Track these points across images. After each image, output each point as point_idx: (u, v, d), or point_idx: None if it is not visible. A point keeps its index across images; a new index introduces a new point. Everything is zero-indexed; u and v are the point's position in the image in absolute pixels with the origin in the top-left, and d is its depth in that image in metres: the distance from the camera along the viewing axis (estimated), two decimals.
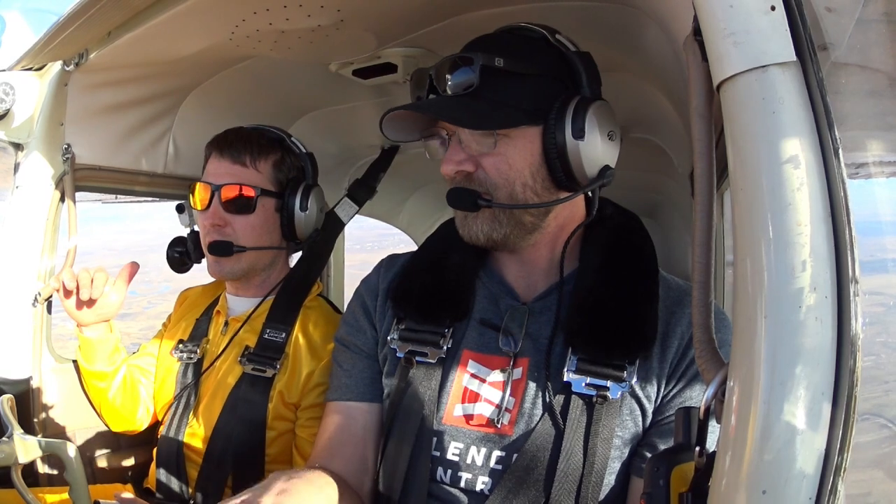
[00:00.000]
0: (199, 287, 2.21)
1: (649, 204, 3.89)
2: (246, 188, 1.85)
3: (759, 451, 0.67)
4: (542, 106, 1.24)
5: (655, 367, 1.22)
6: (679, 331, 1.24)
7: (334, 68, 1.89)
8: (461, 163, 1.25)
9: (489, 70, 1.20)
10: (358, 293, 1.53)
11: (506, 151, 1.24)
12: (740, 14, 0.73)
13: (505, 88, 1.23)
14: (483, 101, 1.21)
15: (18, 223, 1.85)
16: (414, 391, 1.31)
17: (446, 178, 1.28)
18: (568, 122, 1.22)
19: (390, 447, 1.32)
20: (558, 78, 1.27)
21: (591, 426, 1.19)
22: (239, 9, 1.48)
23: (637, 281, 1.29)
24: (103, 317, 1.82)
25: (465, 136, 1.25)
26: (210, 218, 1.84)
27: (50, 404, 1.86)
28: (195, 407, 1.88)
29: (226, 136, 1.91)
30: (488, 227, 1.27)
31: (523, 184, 1.25)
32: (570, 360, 1.23)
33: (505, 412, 1.25)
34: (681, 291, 1.31)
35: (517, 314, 1.32)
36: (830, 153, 0.70)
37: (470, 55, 1.22)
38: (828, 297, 0.67)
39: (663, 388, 1.22)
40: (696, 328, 0.80)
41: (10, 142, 1.84)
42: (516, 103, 1.22)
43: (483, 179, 1.25)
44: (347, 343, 1.48)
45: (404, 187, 3.55)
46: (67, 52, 1.74)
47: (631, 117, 2.19)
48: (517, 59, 1.24)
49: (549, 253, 1.35)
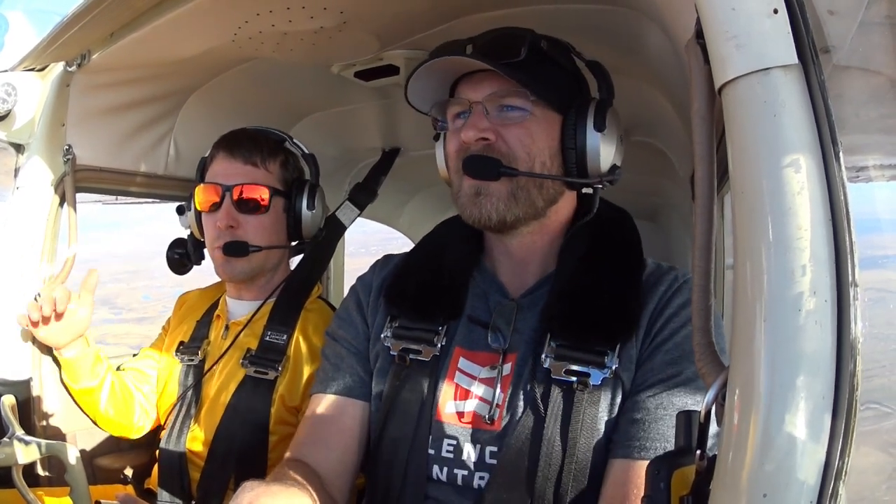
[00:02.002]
0: (197, 290, 2.21)
1: (650, 207, 3.89)
2: (261, 188, 1.85)
3: (759, 455, 0.67)
4: (565, 96, 1.28)
5: (634, 346, 1.22)
6: (651, 306, 1.24)
7: (336, 70, 1.90)
8: (484, 130, 1.24)
9: (534, 48, 1.24)
10: (353, 289, 1.53)
11: (531, 126, 1.25)
12: (742, 17, 0.73)
13: (544, 69, 1.26)
14: (525, 72, 1.22)
15: (19, 224, 1.85)
16: (409, 389, 1.31)
17: (461, 147, 1.27)
18: (590, 116, 1.25)
19: (386, 446, 1.31)
20: (578, 80, 1.34)
21: (571, 414, 1.18)
22: (241, 11, 1.49)
23: (619, 270, 1.29)
24: (76, 333, 1.79)
25: (491, 107, 1.25)
26: (224, 219, 1.83)
27: (50, 405, 1.86)
28: (197, 410, 1.88)
29: (235, 136, 1.91)
30: (504, 206, 1.25)
31: (542, 163, 1.26)
32: (548, 346, 1.23)
33: (495, 408, 1.25)
34: (660, 272, 1.30)
35: (505, 310, 1.32)
36: (832, 156, 0.70)
37: (521, 30, 1.26)
38: (827, 301, 0.67)
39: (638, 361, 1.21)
40: (696, 331, 0.80)
41: (11, 143, 1.84)
42: (551, 84, 1.26)
43: (504, 151, 1.24)
44: (337, 337, 1.48)
45: (405, 190, 3.55)
46: (70, 53, 1.74)
47: (632, 120, 2.19)
48: (554, 48, 1.29)
49: (543, 247, 1.35)
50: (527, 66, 1.22)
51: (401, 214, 3.82)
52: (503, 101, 1.25)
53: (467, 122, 1.25)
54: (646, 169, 2.81)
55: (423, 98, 1.33)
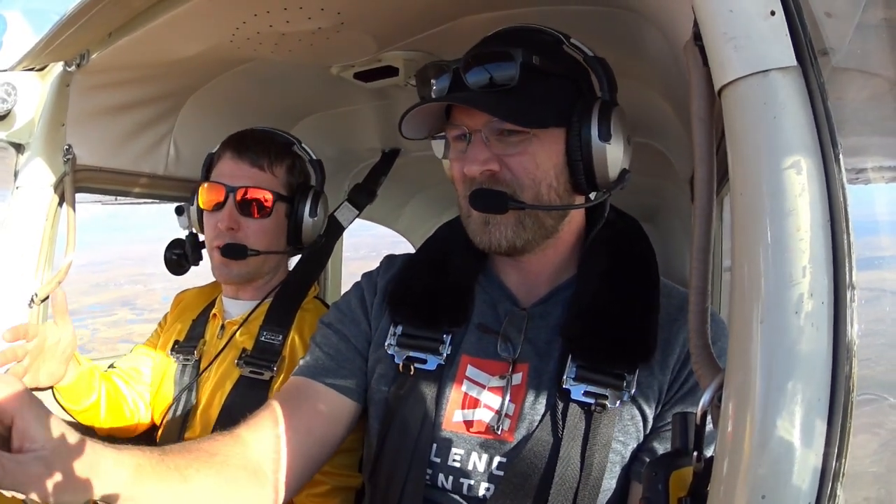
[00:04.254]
0: (194, 289, 2.21)
1: (649, 208, 3.89)
2: (265, 192, 1.85)
3: (757, 456, 0.67)
4: (565, 107, 1.22)
5: (657, 375, 1.21)
6: (682, 338, 1.23)
7: (335, 71, 1.90)
8: (487, 161, 1.20)
9: (527, 67, 1.18)
10: (358, 285, 1.50)
11: (534, 151, 1.21)
12: (740, 19, 0.73)
13: (537, 87, 1.20)
14: (518, 99, 1.18)
15: (18, 224, 1.85)
16: (413, 398, 1.29)
17: (465, 178, 1.24)
18: (595, 125, 1.20)
19: (388, 454, 1.30)
20: (576, 80, 1.27)
21: (588, 434, 1.18)
22: (240, 11, 1.49)
23: (639, 290, 1.27)
24: (67, 357, 1.68)
25: (490, 134, 1.21)
26: (225, 221, 1.82)
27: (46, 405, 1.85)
28: (193, 410, 1.87)
29: (244, 137, 1.91)
30: (513, 233, 1.23)
31: (549, 185, 1.22)
32: (569, 368, 1.22)
33: (505, 418, 1.24)
34: (682, 299, 1.29)
35: (516, 319, 1.31)
36: (831, 158, 0.70)
37: (509, 50, 1.18)
38: (825, 304, 0.67)
39: (664, 395, 1.21)
40: (693, 333, 0.80)
41: (10, 142, 1.84)
42: (546, 103, 1.21)
43: (509, 180, 1.21)
44: (335, 329, 1.43)
45: (404, 191, 3.55)
46: (69, 53, 1.74)
47: (632, 121, 2.17)
48: (547, 57, 1.22)
49: (555, 257, 1.34)
50: (520, 89, 1.17)
51: (400, 215, 3.82)
52: (502, 126, 1.20)
53: (468, 155, 1.22)
54: (645, 170, 2.81)
55: (417, 126, 1.30)
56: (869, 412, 1.51)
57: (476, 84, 1.20)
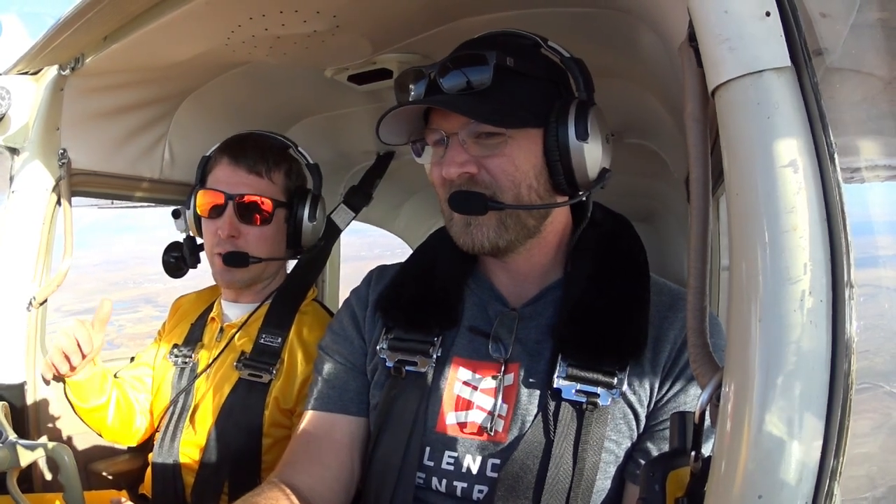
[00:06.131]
0: (192, 294, 2.21)
1: (645, 209, 3.90)
2: (265, 200, 1.84)
3: (754, 456, 0.67)
4: (542, 108, 1.22)
5: (648, 372, 1.22)
6: (671, 335, 1.24)
7: (330, 74, 1.89)
8: (464, 164, 1.20)
9: (501, 69, 1.18)
10: (347, 303, 1.51)
11: (511, 153, 1.21)
12: (735, 20, 0.73)
13: (513, 88, 1.21)
14: (494, 100, 1.18)
15: (14, 228, 1.85)
16: (403, 401, 1.30)
17: (444, 181, 1.24)
18: (571, 125, 1.20)
19: (379, 458, 1.30)
20: (554, 82, 1.27)
21: (580, 433, 1.18)
22: (235, 14, 1.48)
23: (627, 287, 1.28)
24: (90, 361, 1.77)
25: (467, 137, 1.21)
26: (226, 229, 1.82)
27: (45, 409, 1.85)
28: (191, 413, 1.87)
29: (240, 142, 1.90)
30: (495, 233, 1.23)
31: (528, 186, 1.22)
32: (560, 367, 1.22)
33: (498, 419, 1.24)
34: (673, 295, 1.30)
35: (507, 320, 1.31)
36: (826, 158, 0.70)
37: (483, 53, 1.19)
38: (823, 302, 0.67)
39: (656, 393, 1.22)
40: (691, 332, 0.80)
41: (5, 146, 1.84)
42: (522, 104, 1.21)
43: (488, 182, 1.21)
44: (331, 352, 1.46)
45: (400, 193, 3.55)
46: (64, 57, 1.74)
47: (626, 122, 2.20)
48: (523, 59, 1.22)
49: (541, 258, 1.34)
50: (496, 91, 1.18)
51: (396, 217, 3.82)
52: (479, 129, 1.20)
53: (446, 158, 1.22)
54: (640, 171, 2.82)
55: (396, 131, 1.30)
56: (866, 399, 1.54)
57: (452, 88, 1.20)
